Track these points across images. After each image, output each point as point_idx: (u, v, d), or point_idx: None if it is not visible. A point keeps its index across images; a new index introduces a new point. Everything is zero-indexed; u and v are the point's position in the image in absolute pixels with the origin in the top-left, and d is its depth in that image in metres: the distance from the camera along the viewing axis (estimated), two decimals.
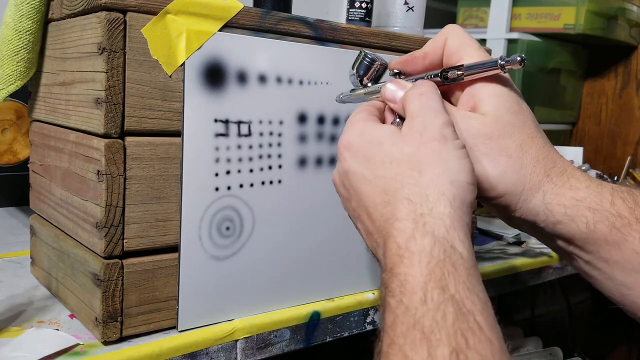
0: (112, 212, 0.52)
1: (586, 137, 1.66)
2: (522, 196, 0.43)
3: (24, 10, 0.60)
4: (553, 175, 0.43)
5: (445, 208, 0.38)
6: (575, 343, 1.34)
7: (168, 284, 0.56)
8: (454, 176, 0.39)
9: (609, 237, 0.41)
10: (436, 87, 0.44)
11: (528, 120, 0.44)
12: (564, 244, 0.44)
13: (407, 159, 0.40)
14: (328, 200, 0.66)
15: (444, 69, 0.45)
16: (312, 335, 0.65)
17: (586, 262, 0.44)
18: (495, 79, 0.44)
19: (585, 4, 1.34)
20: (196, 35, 0.54)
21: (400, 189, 0.39)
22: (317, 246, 0.66)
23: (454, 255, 0.36)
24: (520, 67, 0.42)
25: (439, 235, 0.36)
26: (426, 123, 0.41)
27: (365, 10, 0.77)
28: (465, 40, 0.46)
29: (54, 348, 0.51)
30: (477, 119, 0.43)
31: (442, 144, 0.40)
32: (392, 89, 0.46)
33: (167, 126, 0.55)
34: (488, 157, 0.43)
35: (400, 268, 0.36)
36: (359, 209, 0.43)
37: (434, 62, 0.47)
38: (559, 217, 0.42)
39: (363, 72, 0.50)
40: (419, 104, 0.42)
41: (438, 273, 0.35)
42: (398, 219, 0.38)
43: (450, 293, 0.34)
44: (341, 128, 0.66)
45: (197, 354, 0.56)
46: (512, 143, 0.43)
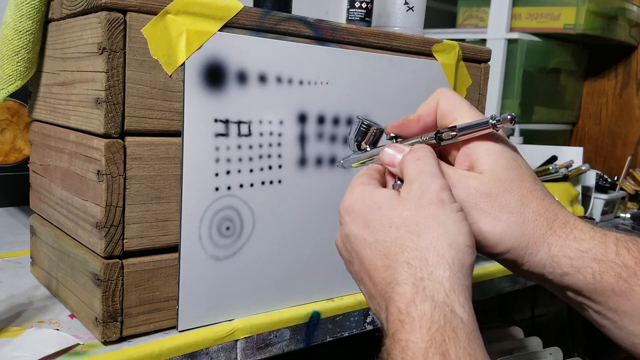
0: (112, 212, 0.52)
1: (586, 137, 1.66)
2: (527, 250, 0.44)
3: (24, 10, 0.60)
4: (556, 227, 0.44)
5: (445, 272, 0.38)
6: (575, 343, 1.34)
7: (168, 284, 0.56)
8: (452, 239, 0.40)
9: (616, 288, 0.42)
10: (432, 151, 0.45)
11: (525, 174, 0.45)
12: (573, 294, 0.45)
13: (406, 222, 0.41)
14: (328, 200, 0.66)
15: (438, 130, 0.46)
16: (312, 335, 0.65)
17: (596, 312, 0.44)
18: (489, 137, 0.45)
19: (585, 4, 1.34)
20: (196, 35, 0.54)
21: (400, 253, 0.40)
22: (317, 246, 0.66)
23: (455, 320, 0.36)
24: (511, 125, 0.43)
25: (438, 300, 0.37)
26: (424, 187, 0.42)
27: (365, 10, 0.77)
28: (456, 101, 0.47)
29: (54, 348, 0.51)
30: (475, 178, 0.44)
31: (440, 207, 0.41)
32: (390, 153, 0.48)
33: (167, 126, 0.55)
34: (489, 215, 0.43)
35: (402, 334, 0.37)
36: (361, 272, 0.44)
37: (428, 124, 0.49)
38: (566, 269, 0.43)
39: (361, 138, 0.52)
40: (416, 169, 0.43)
41: (439, 339, 0.35)
42: (398, 283, 0.39)
43: (452, 359, 0.35)
44: (341, 128, 0.66)
45: (197, 354, 0.56)
46: (512, 199, 0.44)
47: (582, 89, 1.65)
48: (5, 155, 0.97)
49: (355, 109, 0.66)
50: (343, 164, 0.55)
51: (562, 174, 1.14)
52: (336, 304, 0.67)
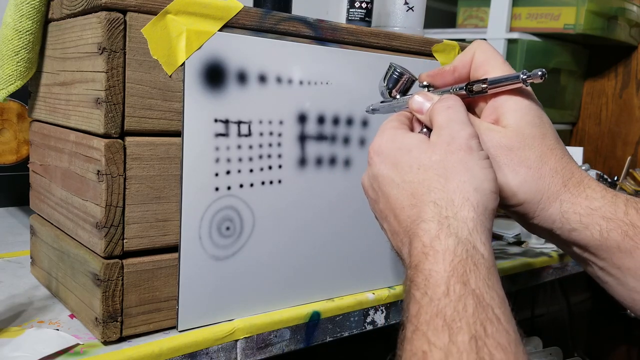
0: (112, 212, 0.52)
1: (586, 137, 1.66)
2: (540, 205, 0.45)
3: (24, 10, 0.60)
4: (570, 185, 0.45)
5: (469, 213, 0.40)
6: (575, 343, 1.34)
7: (168, 284, 0.56)
8: (478, 184, 0.41)
9: (622, 245, 0.43)
10: (461, 101, 0.47)
11: (548, 132, 0.47)
12: (579, 250, 0.46)
13: (435, 165, 0.43)
14: (328, 200, 0.66)
15: (470, 82, 0.47)
16: (312, 335, 0.65)
17: (600, 269, 0.46)
18: (518, 92, 0.47)
19: (585, 4, 1.34)
20: (196, 35, 0.54)
21: (427, 193, 0.42)
22: (317, 246, 0.66)
23: (476, 255, 0.38)
24: (541, 81, 0.44)
25: (462, 237, 0.39)
26: (453, 134, 0.44)
27: (365, 10, 0.77)
28: (491, 54, 0.49)
29: (54, 348, 0.51)
30: (499, 132, 0.46)
31: (468, 154, 0.43)
32: (419, 100, 0.49)
33: (167, 126, 0.55)
34: (508, 167, 0.45)
35: (425, 264, 0.39)
36: (386, 211, 0.46)
37: (462, 75, 0.50)
38: (574, 225, 0.45)
39: (392, 85, 0.53)
40: (447, 116, 0.45)
41: (460, 270, 0.37)
42: (424, 220, 0.41)
43: (471, 287, 0.37)
44: (341, 128, 0.66)
45: (197, 354, 0.56)
46: (532, 154, 0.45)
47: (582, 89, 1.65)
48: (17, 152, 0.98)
49: (355, 109, 0.66)
50: (372, 108, 0.55)
51: None
52: (336, 304, 0.67)
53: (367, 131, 0.68)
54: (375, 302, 0.71)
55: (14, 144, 0.97)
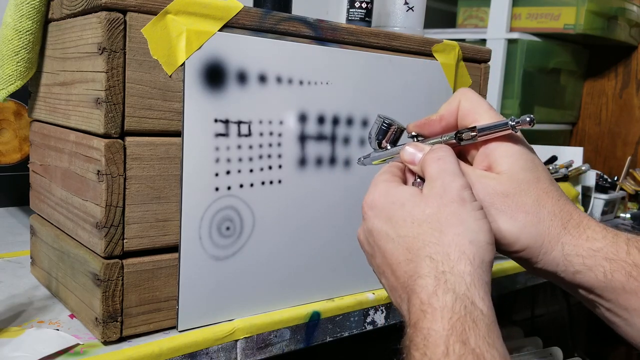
0: (112, 212, 0.52)
1: (586, 137, 1.66)
2: (542, 249, 0.45)
3: (24, 10, 0.60)
4: (570, 227, 0.45)
5: (466, 267, 0.40)
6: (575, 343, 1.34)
7: (168, 284, 0.56)
8: (473, 236, 0.41)
9: (627, 286, 0.43)
10: (452, 151, 0.47)
11: (542, 176, 0.46)
12: (585, 292, 0.46)
13: (428, 219, 0.42)
14: (328, 200, 0.66)
15: (458, 130, 0.47)
16: (312, 335, 0.65)
17: (607, 310, 0.45)
18: (508, 138, 0.46)
19: (585, 4, 1.34)
20: (196, 35, 0.54)
21: (423, 248, 0.42)
22: (317, 246, 0.66)
23: (475, 312, 0.38)
24: (530, 127, 0.44)
25: (459, 292, 0.38)
26: (445, 186, 0.43)
27: (365, 10, 0.77)
28: (476, 102, 0.48)
29: (54, 348, 0.51)
30: (493, 179, 0.46)
31: (461, 205, 0.42)
32: (410, 151, 0.49)
33: (167, 126, 0.55)
34: (506, 214, 0.45)
35: (424, 323, 0.38)
36: (383, 266, 0.46)
37: (450, 124, 0.50)
38: (578, 268, 0.44)
39: (382, 136, 0.53)
40: (438, 168, 0.45)
41: (459, 328, 0.37)
42: (420, 276, 0.40)
43: (471, 347, 0.36)
44: (341, 128, 0.66)
45: (197, 354, 0.56)
46: (529, 199, 0.45)
47: (582, 89, 1.65)
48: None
49: (355, 109, 0.67)
50: (364, 161, 0.56)
51: (562, 174, 1.14)
52: (336, 304, 0.67)
53: (367, 131, 0.68)
54: (375, 302, 0.71)
55: (16, 142, 0.97)
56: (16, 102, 0.95)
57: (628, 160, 1.39)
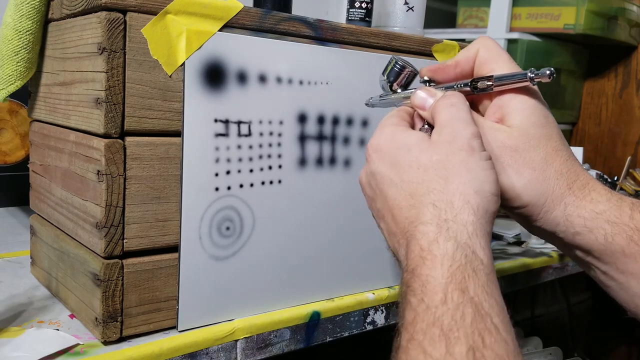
0: (112, 212, 0.52)
1: (586, 137, 1.66)
2: (544, 207, 0.44)
3: (24, 10, 0.60)
4: (575, 188, 0.44)
5: (469, 216, 0.39)
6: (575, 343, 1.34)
7: (168, 284, 0.56)
8: (479, 186, 0.40)
9: (626, 250, 0.42)
10: (465, 99, 0.45)
11: (554, 133, 0.46)
12: (582, 254, 0.45)
13: (435, 166, 0.42)
14: (328, 200, 0.66)
15: (474, 78, 0.46)
16: (312, 335, 0.65)
17: (603, 273, 0.45)
18: (524, 91, 0.45)
19: (585, 4, 1.34)
20: (196, 35, 0.54)
21: (426, 194, 0.41)
22: (317, 246, 0.66)
23: (475, 261, 0.37)
24: (549, 80, 0.43)
25: (461, 241, 0.38)
26: (455, 133, 0.42)
27: (365, 10, 0.77)
28: (496, 51, 0.47)
29: (54, 348, 0.51)
30: (504, 131, 0.45)
31: (469, 154, 0.41)
32: (422, 96, 0.48)
33: (167, 126, 0.55)
34: (513, 168, 0.44)
35: (423, 269, 0.38)
36: (383, 210, 0.45)
37: (465, 71, 0.49)
38: (578, 229, 0.44)
39: (393, 78, 0.51)
40: (449, 114, 0.44)
41: (459, 276, 0.36)
42: (422, 223, 0.40)
43: (470, 295, 0.36)
44: (341, 128, 0.66)
45: (197, 354, 0.56)
46: (537, 156, 0.44)
47: (582, 89, 1.65)
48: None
49: (355, 109, 0.67)
50: (372, 102, 0.54)
51: None
52: (336, 304, 0.67)
53: (367, 131, 0.68)
54: (375, 302, 0.71)
55: (17, 139, 0.97)
56: (10, 100, 0.95)
57: (628, 160, 1.39)
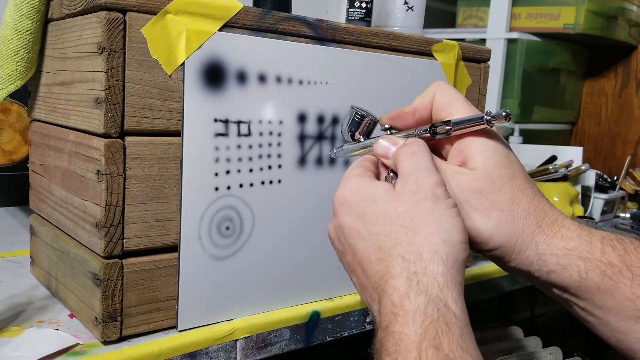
0: (112, 212, 0.52)
1: (586, 137, 1.66)
2: (516, 248, 0.44)
3: (24, 10, 0.60)
4: (545, 226, 0.44)
5: (439, 267, 0.39)
6: (575, 343, 1.34)
7: (168, 284, 0.56)
8: (447, 235, 0.40)
9: (602, 285, 0.42)
10: (426, 146, 0.45)
11: (517, 173, 0.45)
12: (560, 292, 0.45)
13: (401, 217, 0.41)
14: (328, 200, 0.66)
15: (433, 124, 0.46)
16: (312, 335, 0.65)
17: (582, 309, 0.45)
18: (483, 133, 0.45)
19: (585, 4, 1.34)
20: (196, 35, 0.54)
21: (395, 247, 0.40)
22: (318, 246, 0.66)
23: (448, 315, 0.37)
24: (506, 122, 0.43)
25: (432, 295, 0.37)
26: (419, 182, 0.42)
27: (365, 10, 0.77)
28: (452, 95, 0.47)
29: (54, 348, 0.51)
30: (467, 175, 0.44)
31: (435, 203, 0.41)
32: (384, 145, 0.48)
33: (167, 126, 0.55)
34: (480, 212, 0.44)
35: (396, 327, 0.37)
36: (354, 264, 0.44)
37: (424, 117, 0.49)
38: (552, 267, 0.43)
39: (355, 128, 0.52)
40: (411, 163, 0.43)
41: (432, 332, 0.36)
42: (392, 277, 0.39)
43: (445, 352, 0.35)
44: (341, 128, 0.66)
45: (197, 354, 0.56)
46: (503, 197, 0.44)
47: (582, 89, 1.65)
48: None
49: None
50: (336, 153, 0.55)
51: (562, 174, 1.14)
52: (336, 304, 0.67)
53: None
54: None
55: (18, 137, 0.97)
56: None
57: (628, 160, 1.39)
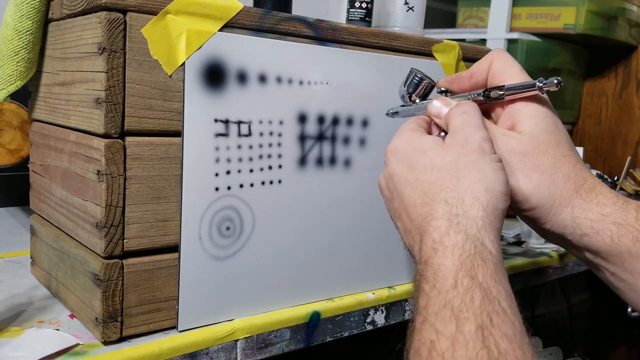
0: (112, 212, 0.52)
1: (586, 137, 1.66)
2: (552, 210, 0.46)
3: (24, 10, 0.60)
4: (582, 191, 0.46)
5: (479, 212, 0.41)
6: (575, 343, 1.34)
7: (168, 284, 0.56)
8: (489, 185, 0.43)
9: (633, 250, 0.44)
10: (477, 107, 0.48)
11: (562, 139, 0.48)
12: (591, 256, 0.47)
13: (447, 166, 0.44)
14: (328, 200, 0.66)
15: (487, 88, 0.49)
16: (312, 335, 0.65)
17: (612, 274, 0.46)
18: (534, 99, 0.48)
19: (585, 4, 1.34)
20: (196, 35, 0.54)
21: (439, 192, 0.43)
22: (317, 246, 0.66)
23: (484, 251, 0.39)
24: (557, 89, 0.46)
25: (470, 234, 0.40)
26: (467, 137, 0.45)
27: (365, 10, 0.77)
28: (509, 63, 0.50)
29: (54, 348, 0.51)
30: (514, 137, 0.47)
31: (480, 156, 0.44)
32: (437, 105, 0.51)
33: (167, 126, 0.55)
34: (522, 172, 0.46)
35: (435, 259, 0.40)
36: (400, 209, 0.47)
37: (479, 82, 0.51)
38: (586, 230, 0.45)
39: (412, 90, 0.54)
40: (462, 120, 0.46)
41: (468, 264, 0.39)
42: (434, 218, 0.42)
43: (479, 281, 0.38)
44: (341, 128, 0.66)
45: (197, 354, 0.56)
46: (546, 161, 0.46)
47: (582, 89, 1.65)
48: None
49: (356, 109, 0.67)
50: (392, 112, 0.57)
51: None
52: (336, 304, 0.67)
53: (367, 131, 0.68)
54: (375, 302, 0.71)
55: (19, 134, 0.97)
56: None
57: (628, 160, 1.39)
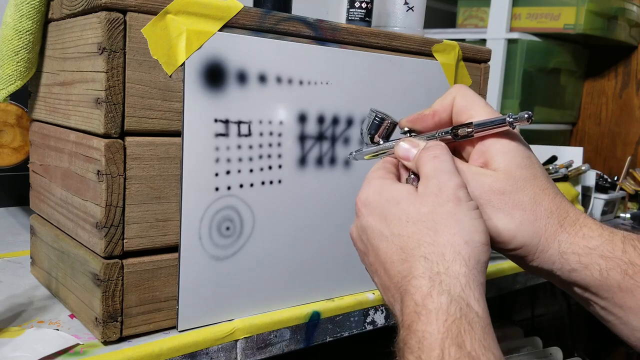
0: (112, 212, 0.52)
1: (586, 137, 1.66)
2: (539, 247, 0.45)
3: (24, 10, 0.60)
4: (566, 225, 0.45)
5: (461, 267, 0.39)
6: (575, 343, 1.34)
7: (168, 284, 0.56)
8: (468, 236, 0.41)
9: (622, 284, 0.43)
10: (447, 148, 0.46)
11: (538, 173, 0.46)
12: (580, 290, 0.46)
13: (423, 218, 0.42)
14: (328, 200, 0.66)
15: (455, 126, 0.47)
16: (312, 335, 0.65)
17: (602, 308, 0.45)
18: (505, 135, 0.46)
19: (585, 4, 1.34)
20: (196, 35, 0.54)
21: (417, 248, 0.41)
22: (317, 246, 0.66)
23: (470, 314, 0.37)
24: (528, 124, 0.44)
25: (454, 294, 0.38)
26: (441, 185, 0.43)
27: (365, 10, 0.77)
28: (472, 99, 0.48)
29: (54, 348, 0.51)
30: (489, 176, 0.45)
31: (456, 205, 0.42)
32: (405, 147, 0.48)
33: (167, 126, 0.55)
34: (503, 211, 0.44)
35: (418, 325, 0.38)
36: (376, 264, 0.45)
37: (443, 119, 0.49)
38: (574, 265, 0.44)
39: (374, 131, 0.52)
40: (433, 166, 0.44)
41: (455, 330, 0.36)
42: (415, 277, 0.40)
43: (467, 350, 0.35)
44: (341, 128, 0.66)
45: (197, 354, 0.56)
46: (525, 197, 0.45)
47: (582, 89, 1.65)
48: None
49: (355, 109, 0.67)
50: (355, 156, 0.56)
51: (562, 174, 1.14)
52: (336, 304, 0.67)
53: None
54: (375, 302, 0.71)
55: (18, 132, 0.97)
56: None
57: (628, 160, 1.39)
